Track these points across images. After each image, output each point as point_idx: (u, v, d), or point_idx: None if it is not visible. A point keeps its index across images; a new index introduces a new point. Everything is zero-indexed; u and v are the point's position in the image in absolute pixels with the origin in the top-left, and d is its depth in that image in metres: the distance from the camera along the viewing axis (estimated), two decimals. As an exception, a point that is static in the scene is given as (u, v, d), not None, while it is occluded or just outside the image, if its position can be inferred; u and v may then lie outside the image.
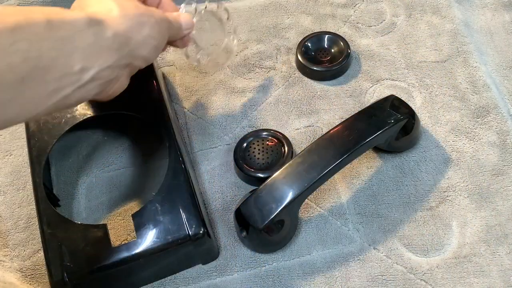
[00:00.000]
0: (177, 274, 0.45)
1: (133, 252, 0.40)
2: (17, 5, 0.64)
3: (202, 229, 0.41)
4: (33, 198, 0.44)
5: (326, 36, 0.58)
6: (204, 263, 0.46)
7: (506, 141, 0.51)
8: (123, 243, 0.41)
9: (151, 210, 0.42)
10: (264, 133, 0.51)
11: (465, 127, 0.52)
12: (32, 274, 0.46)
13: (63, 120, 0.47)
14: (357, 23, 0.61)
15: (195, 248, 0.42)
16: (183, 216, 0.42)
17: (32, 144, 0.46)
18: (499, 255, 0.45)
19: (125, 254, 0.40)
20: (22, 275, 0.46)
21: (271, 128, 0.52)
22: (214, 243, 0.45)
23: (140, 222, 0.41)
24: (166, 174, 0.44)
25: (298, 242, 0.46)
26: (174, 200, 0.43)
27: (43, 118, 0.47)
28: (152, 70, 0.51)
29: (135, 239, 0.41)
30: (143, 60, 0.40)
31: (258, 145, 0.50)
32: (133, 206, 0.49)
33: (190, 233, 0.41)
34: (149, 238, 0.41)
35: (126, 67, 0.38)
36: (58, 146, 0.47)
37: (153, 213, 0.42)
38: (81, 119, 0.47)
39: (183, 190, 0.43)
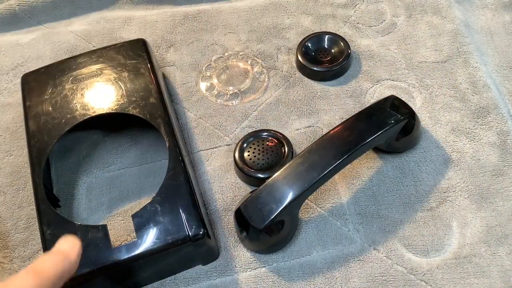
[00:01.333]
0: (177, 274, 0.45)
1: (133, 253, 0.40)
2: (17, 5, 0.64)
3: (202, 230, 0.41)
4: (33, 199, 0.44)
5: (326, 36, 0.58)
6: (204, 264, 0.46)
7: (506, 141, 0.51)
8: (123, 243, 0.41)
9: (151, 211, 0.42)
10: (264, 134, 0.51)
11: (466, 128, 0.52)
12: (32, 275, 0.46)
13: (63, 120, 0.47)
14: (357, 23, 0.61)
15: (195, 249, 0.42)
16: (183, 216, 0.42)
17: (32, 144, 0.46)
18: (499, 255, 0.44)
19: (125, 254, 0.40)
20: (22, 275, 0.46)
21: (271, 128, 0.52)
22: (214, 243, 0.45)
23: (140, 223, 0.41)
24: (166, 174, 0.44)
25: (298, 243, 0.46)
26: (174, 200, 0.42)
27: (43, 118, 0.47)
28: (152, 70, 0.51)
29: (135, 239, 0.41)
30: None
31: (258, 145, 0.50)
32: (133, 206, 0.49)
33: (190, 233, 0.41)
34: (149, 239, 0.41)
35: None
36: (58, 146, 0.47)
37: (153, 214, 0.42)
38: (81, 119, 0.47)
39: (183, 191, 0.43)
